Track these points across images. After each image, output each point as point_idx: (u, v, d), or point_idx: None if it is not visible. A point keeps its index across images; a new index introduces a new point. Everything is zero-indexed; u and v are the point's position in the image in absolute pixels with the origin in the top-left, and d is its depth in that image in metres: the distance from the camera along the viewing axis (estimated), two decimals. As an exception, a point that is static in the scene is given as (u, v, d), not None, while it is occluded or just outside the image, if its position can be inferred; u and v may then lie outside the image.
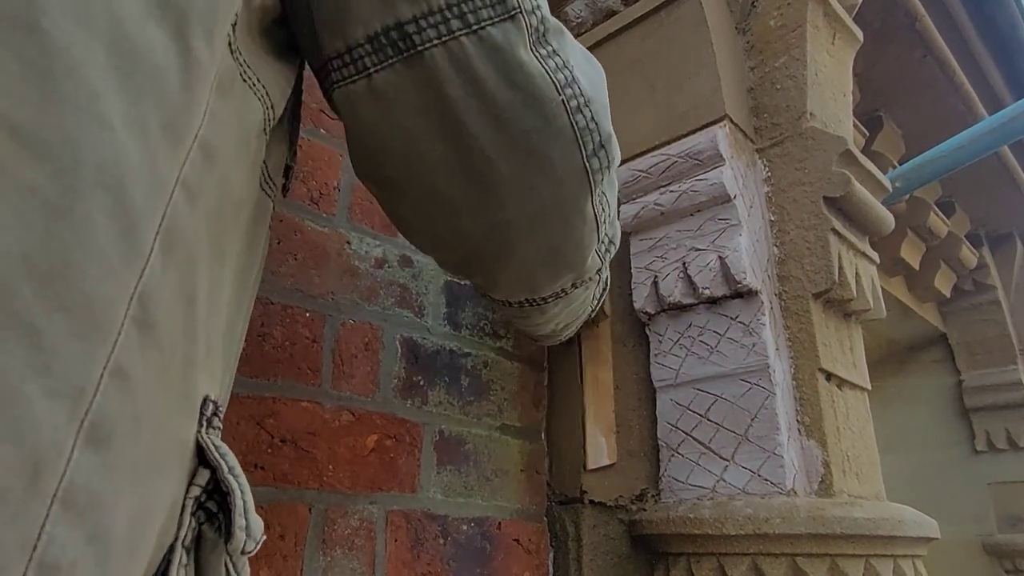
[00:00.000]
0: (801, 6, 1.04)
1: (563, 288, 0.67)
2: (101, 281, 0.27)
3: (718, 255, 0.93)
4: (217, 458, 0.36)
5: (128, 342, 0.28)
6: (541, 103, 0.47)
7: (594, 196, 0.55)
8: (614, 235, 0.67)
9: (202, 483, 0.36)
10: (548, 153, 0.49)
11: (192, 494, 0.35)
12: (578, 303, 0.73)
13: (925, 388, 2.34)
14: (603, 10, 1.14)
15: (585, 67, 0.53)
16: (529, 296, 0.67)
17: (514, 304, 0.69)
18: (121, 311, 0.28)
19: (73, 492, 0.25)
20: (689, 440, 0.92)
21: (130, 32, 0.29)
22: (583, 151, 0.51)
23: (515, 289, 0.65)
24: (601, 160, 0.53)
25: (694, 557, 0.84)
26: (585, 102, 0.49)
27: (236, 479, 0.36)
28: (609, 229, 0.63)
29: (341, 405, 0.84)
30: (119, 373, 0.28)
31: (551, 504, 1.05)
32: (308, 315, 0.84)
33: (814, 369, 0.89)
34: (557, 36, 0.49)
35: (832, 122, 1.04)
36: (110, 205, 0.27)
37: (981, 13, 1.61)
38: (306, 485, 0.78)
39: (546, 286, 0.65)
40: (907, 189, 1.24)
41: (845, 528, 0.76)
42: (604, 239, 0.63)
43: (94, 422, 0.26)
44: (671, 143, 1.01)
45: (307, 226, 0.87)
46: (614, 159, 0.55)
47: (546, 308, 0.70)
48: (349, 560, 0.79)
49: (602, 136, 0.52)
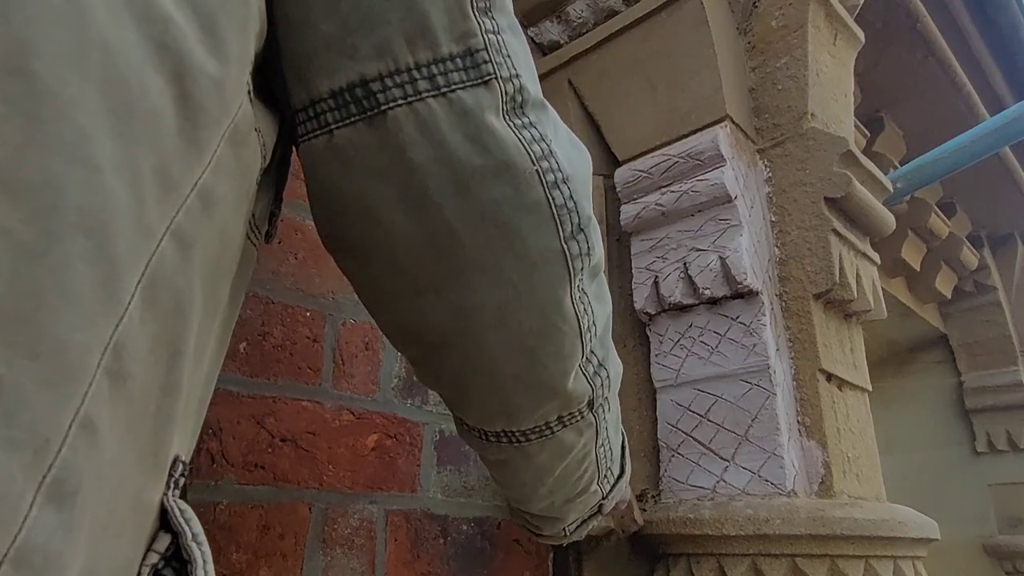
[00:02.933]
0: (803, 6, 1.04)
1: (547, 422, 0.56)
2: (75, 328, 0.26)
3: (719, 255, 0.93)
4: (182, 523, 0.34)
5: (99, 393, 0.27)
6: (513, 172, 0.43)
7: (573, 288, 0.48)
8: (605, 358, 0.57)
9: (161, 549, 0.34)
10: (520, 229, 0.44)
11: (149, 561, 0.33)
12: (573, 462, 0.61)
13: (926, 389, 2.34)
14: (604, 10, 1.14)
15: (568, 147, 0.48)
16: (506, 427, 0.56)
17: (491, 438, 0.59)
18: (94, 360, 0.27)
19: (28, 552, 0.23)
20: (689, 440, 0.92)
21: (126, 76, 0.29)
22: (560, 231, 0.45)
23: (489, 409, 0.55)
24: (580, 245, 0.47)
25: (694, 557, 0.84)
26: (564, 178, 0.45)
27: (199, 547, 0.34)
28: (598, 348, 0.55)
29: (341, 405, 0.84)
30: (87, 426, 0.26)
31: (551, 504, 1.05)
32: (308, 314, 0.84)
33: (815, 370, 0.89)
34: (537, 109, 0.45)
35: (833, 123, 1.04)
36: (91, 250, 0.26)
37: (983, 14, 1.61)
38: (306, 484, 0.78)
39: (524, 411, 0.55)
40: (908, 190, 1.24)
41: (845, 529, 0.76)
42: (590, 357, 0.54)
43: (58, 477, 0.25)
44: (672, 143, 1.01)
45: (308, 225, 0.87)
46: (595, 249, 0.49)
47: (529, 450, 0.58)
48: (349, 560, 0.79)
49: (581, 219, 0.46)
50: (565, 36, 1.21)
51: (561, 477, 0.63)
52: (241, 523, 0.71)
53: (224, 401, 0.74)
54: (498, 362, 0.50)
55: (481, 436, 0.59)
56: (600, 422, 0.60)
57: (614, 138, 1.10)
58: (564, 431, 0.57)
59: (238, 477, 0.72)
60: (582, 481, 0.65)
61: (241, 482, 0.73)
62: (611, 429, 0.64)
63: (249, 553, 0.71)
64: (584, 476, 0.64)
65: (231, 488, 0.72)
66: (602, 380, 0.57)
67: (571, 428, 0.57)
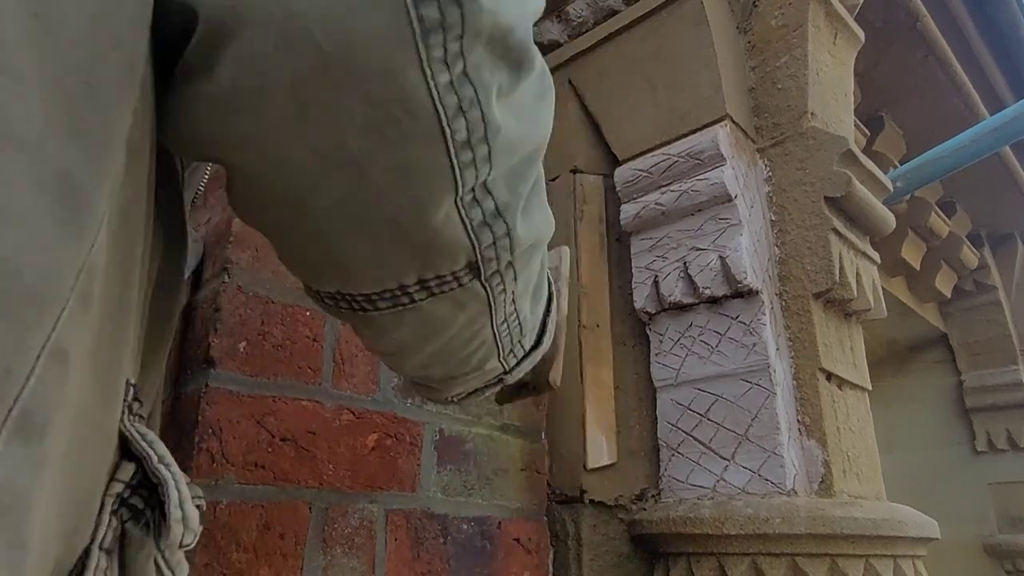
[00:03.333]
0: (802, 6, 1.04)
1: (402, 286, 0.39)
2: (43, 250, 0.24)
3: (719, 255, 0.93)
4: (144, 447, 0.32)
5: (71, 318, 0.25)
6: None
7: (432, 52, 0.29)
8: (508, 205, 0.37)
9: (125, 478, 0.32)
10: None
11: (113, 490, 0.31)
12: (455, 342, 0.45)
13: (926, 388, 2.34)
14: (604, 9, 1.14)
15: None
16: (341, 287, 0.40)
17: (327, 300, 0.42)
18: (69, 284, 0.25)
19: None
20: (689, 440, 0.92)
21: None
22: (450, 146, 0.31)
23: (319, 265, 0.39)
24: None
25: (694, 557, 0.85)
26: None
27: (168, 467, 0.32)
28: (497, 185, 0.36)
29: (341, 404, 0.84)
30: (59, 354, 0.24)
31: (551, 503, 1.05)
32: (308, 314, 0.84)
33: (815, 369, 0.89)
34: None
35: (833, 122, 1.04)
36: (33, 168, 0.24)
37: (982, 13, 1.61)
38: (306, 484, 0.78)
39: (365, 271, 0.38)
40: (908, 189, 1.24)
41: (845, 528, 0.76)
42: (478, 192, 0.35)
43: (25, 410, 0.23)
44: (672, 143, 1.01)
45: (308, 225, 0.87)
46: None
47: (379, 321, 0.42)
48: (349, 559, 0.79)
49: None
50: (565, 35, 1.21)
51: (437, 355, 0.46)
52: (241, 523, 0.71)
53: (224, 401, 0.74)
54: (315, 184, 0.33)
55: (317, 298, 0.43)
56: (496, 295, 0.42)
57: (614, 137, 1.10)
58: (431, 301, 0.40)
59: (238, 477, 0.72)
60: (471, 361, 0.48)
61: (241, 482, 0.73)
62: (522, 300, 0.47)
63: (249, 552, 0.71)
64: (474, 355, 0.48)
65: (231, 488, 0.72)
66: (497, 236, 0.38)
67: (442, 299, 0.40)
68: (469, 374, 0.50)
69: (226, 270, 0.78)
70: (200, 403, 0.72)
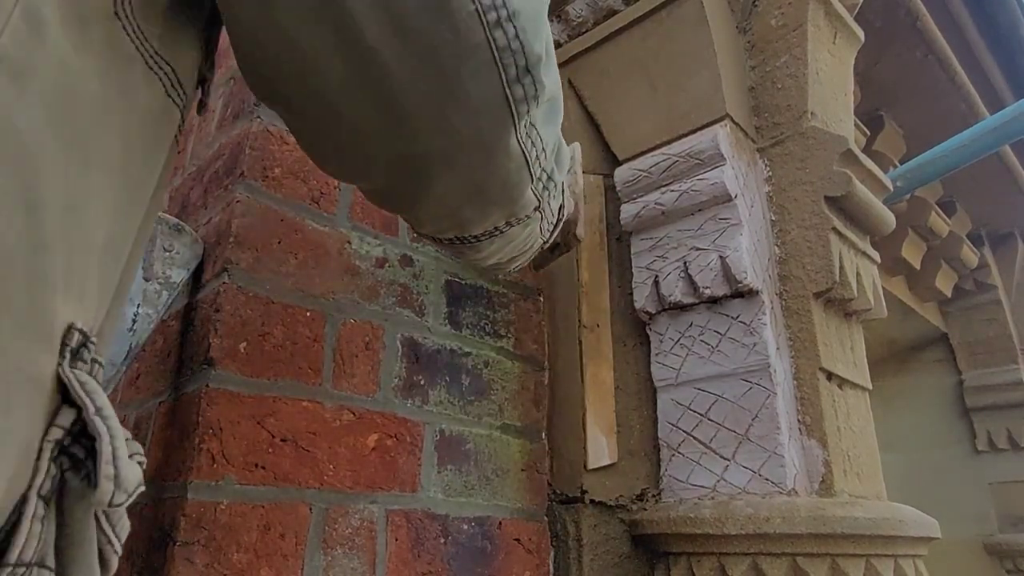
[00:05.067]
0: (802, 5, 1.04)
1: (496, 227, 0.59)
2: None
3: (719, 255, 0.93)
4: (82, 396, 0.31)
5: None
6: (450, 11, 0.39)
7: (519, 130, 0.47)
8: (554, 170, 0.58)
9: (65, 424, 0.31)
10: (460, 75, 0.41)
11: (52, 436, 0.31)
12: (520, 240, 0.65)
13: (926, 388, 2.34)
14: (604, 9, 1.14)
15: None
16: (459, 234, 0.59)
17: (444, 241, 0.61)
18: None
19: None
20: (690, 440, 0.92)
21: None
22: (503, 76, 0.42)
23: (441, 226, 0.58)
24: (527, 88, 0.44)
25: (695, 557, 0.84)
26: (508, 15, 0.41)
27: (105, 420, 0.31)
28: (546, 164, 0.55)
29: (342, 404, 0.84)
30: None
31: (552, 504, 1.05)
32: (309, 314, 0.84)
33: (815, 369, 0.89)
34: None
35: (833, 121, 1.04)
36: None
37: (982, 12, 1.61)
38: (307, 484, 0.78)
39: (475, 225, 0.57)
40: (908, 188, 1.24)
41: (846, 528, 0.76)
42: (540, 175, 0.55)
43: None
44: (672, 142, 1.01)
45: (308, 225, 0.87)
46: (545, 86, 0.46)
47: (480, 246, 0.62)
48: (350, 559, 0.79)
49: (529, 59, 0.43)
50: (565, 35, 1.21)
51: (506, 252, 0.66)
52: (242, 523, 0.71)
53: (224, 401, 0.74)
54: (447, 197, 0.51)
55: (434, 240, 0.62)
56: (545, 208, 0.61)
57: (614, 138, 1.10)
58: (513, 229, 0.60)
59: (239, 477, 0.72)
60: (526, 245, 0.68)
61: (242, 482, 0.73)
62: (555, 175, 0.62)
63: (250, 553, 0.71)
64: (529, 239, 0.66)
65: (232, 488, 0.72)
66: (545, 184, 0.58)
67: (519, 225, 0.60)
68: (526, 253, 0.70)
69: (226, 270, 0.78)
70: (200, 403, 0.72)
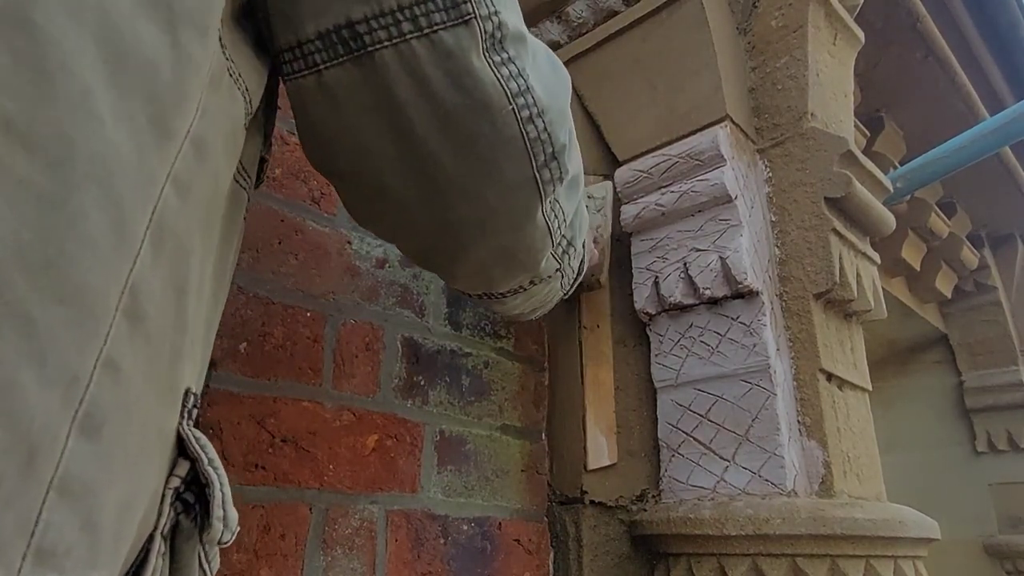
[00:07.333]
0: (802, 6, 1.04)
1: (520, 285, 0.68)
2: (93, 272, 0.27)
3: (719, 255, 0.93)
4: (197, 450, 0.37)
5: (119, 333, 0.29)
6: (490, 111, 0.47)
7: (545, 205, 0.55)
8: (574, 236, 0.67)
9: (182, 474, 0.36)
10: (497, 161, 0.49)
11: (172, 484, 0.36)
12: (541, 295, 0.74)
13: (926, 389, 2.34)
14: (604, 10, 1.14)
15: (547, 75, 0.52)
16: (487, 291, 0.68)
17: (473, 296, 0.71)
18: (113, 303, 0.28)
19: (68, 480, 0.26)
20: (690, 440, 0.92)
21: (120, 26, 0.29)
22: (534, 162, 0.51)
23: (473, 283, 0.66)
24: (553, 171, 0.53)
25: (694, 557, 0.84)
26: (539, 112, 0.49)
27: (215, 471, 0.37)
28: (567, 231, 0.64)
29: (342, 405, 0.84)
30: (111, 364, 0.28)
31: (552, 504, 1.05)
32: (309, 315, 0.84)
33: (815, 370, 0.89)
34: (515, 43, 0.48)
35: (833, 122, 1.04)
36: (101, 198, 0.28)
37: (982, 13, 1.61)
38: (307, 485, 0.78)
39: (502, 284, 0.66)
40: (908, 190, 1.24)
41: (846, 529, 0.76)
42: (560, 242, 0.64)
43: (88, 411, 0.27)
44: (672, 143, 1.01)
45: (308, 226, 0.87)
46: (568, 170, 0.55)
47: (505, 301, 0.71)
48: (350, 560, 0.79)
49: (555, 147, 0.51)
50: (565, 36, 1.21)
51: (529, 304, 0.75)
52: (242, 523, 0.71)
53: (225, 401, 0.74)
54: (480, 259, 0.59)
55: (464, 294, 0.71)
56: (565, 267, 0.71)
57: (614, 138, 1.10)
58: (535, 287, 0.70)
59: (239, 477, 0.72)
60: (547, 299, 0.77)
61: (242, 482, 0.73)
62: (573, 259, 0.72)
63: (250, 553, 0.71)
64: (550, 294, 0.75)
65: (231, 488, 0.72)
66: (565, 249, 0.67)
67: (541, 284, 0.70)
68: (547, 304, 0.79)
69: (226, 271, 0.78)
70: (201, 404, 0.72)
